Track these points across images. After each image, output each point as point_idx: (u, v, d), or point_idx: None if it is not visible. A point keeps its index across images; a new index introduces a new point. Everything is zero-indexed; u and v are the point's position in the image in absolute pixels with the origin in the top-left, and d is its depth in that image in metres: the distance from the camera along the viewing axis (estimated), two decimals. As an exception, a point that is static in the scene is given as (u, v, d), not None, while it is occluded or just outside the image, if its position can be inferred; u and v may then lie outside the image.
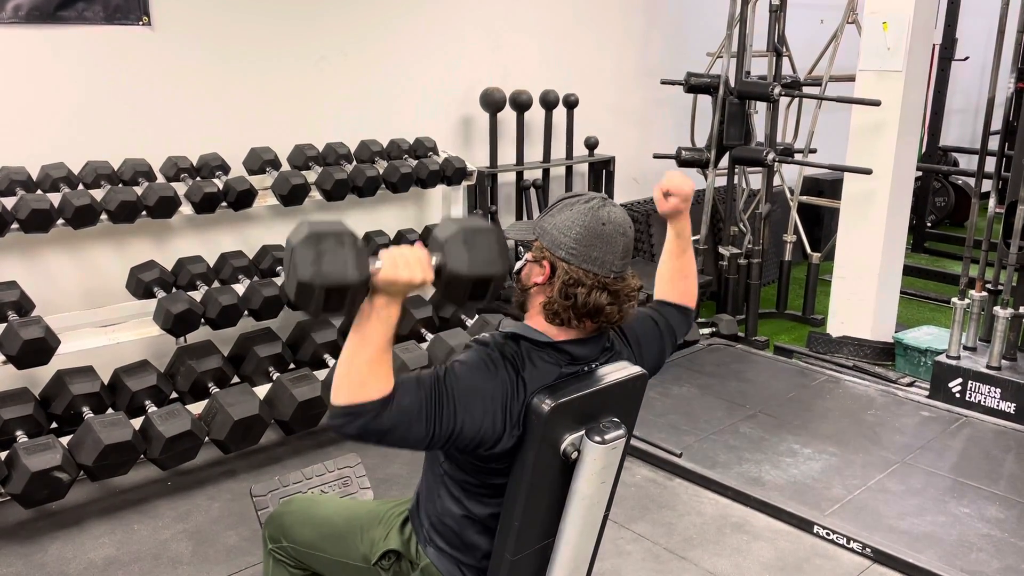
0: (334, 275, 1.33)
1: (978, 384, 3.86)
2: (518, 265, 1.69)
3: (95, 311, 3.45)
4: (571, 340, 1.62)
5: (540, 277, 1.61)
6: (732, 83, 4.67)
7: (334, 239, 1.35)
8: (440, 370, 1.53)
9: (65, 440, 2.90)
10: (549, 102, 4.75)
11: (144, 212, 3.39)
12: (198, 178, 3.62)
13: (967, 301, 3.97)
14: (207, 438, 3.10)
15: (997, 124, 4.21)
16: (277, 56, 3.92)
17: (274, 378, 3.35)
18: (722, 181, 5.09)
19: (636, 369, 1.69)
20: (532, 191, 4.91)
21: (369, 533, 1.82)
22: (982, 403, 3.85)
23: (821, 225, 6.06)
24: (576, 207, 1.60)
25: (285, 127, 3.98)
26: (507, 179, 4.87)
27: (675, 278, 1.95)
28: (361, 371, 1.42)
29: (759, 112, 4.93)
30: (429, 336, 3.70)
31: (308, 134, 4.01)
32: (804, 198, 5.42)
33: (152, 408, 3.10)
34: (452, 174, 4.27)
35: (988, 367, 3.85)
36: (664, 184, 1.86)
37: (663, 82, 4.93)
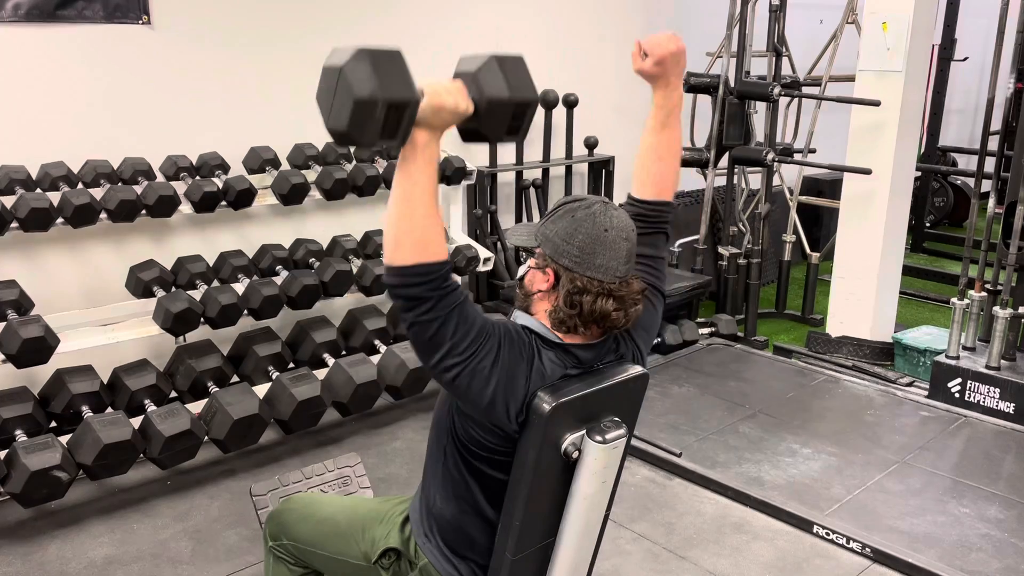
0: (397, 89, 1.25)
1: (977, 384, 3.86)
2: (521, 271, 1.68)
3: (94, 310, 3.45)
4: (578, 344, 1.62)
5: (544, 284, 1.60)
6: (732, 83, 4.67)
7: (387, 55, 1.28)
8: (494, 317, 1.53)
9: (64, 439, 2.89)
10: (549, 102, 4.75)
11: (144, 211, 3.39)
12: (197, 177, 3.62)
13: (966, 301, 3.97)
14: (206, 437, 3.10)
15: (996, 124, 4.22)
16: (277, 55, 3.92)
17: (273, 377, 3.34)
18: (721, 181, 5.09)
19: (637, 369, 1.69)
20: (532, 191, 4.92)
21: (370, 531, 1.82)
22: (981, 403, 3.85)
23: (820, 225, 6.07)
24: (578, 213, 1.58)
25: (285, 126, 3.98)
26: (507, 179, 4.87)
27: (651, 159, 1.76)
28: (421, 226, 1.37)
29: (759, 112, 4.93)
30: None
31: (308, 133, 4.00)
32: (804, 198, 5.42)
33: (151, 407, 3.10)
34: (452, 173, 4.27)
35: (987, 367, 3.85)
36: (644, 42, 1.68)
37: (663, 82, 4.92)
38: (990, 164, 4.25)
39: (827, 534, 2.91)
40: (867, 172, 4.28)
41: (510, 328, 1.57)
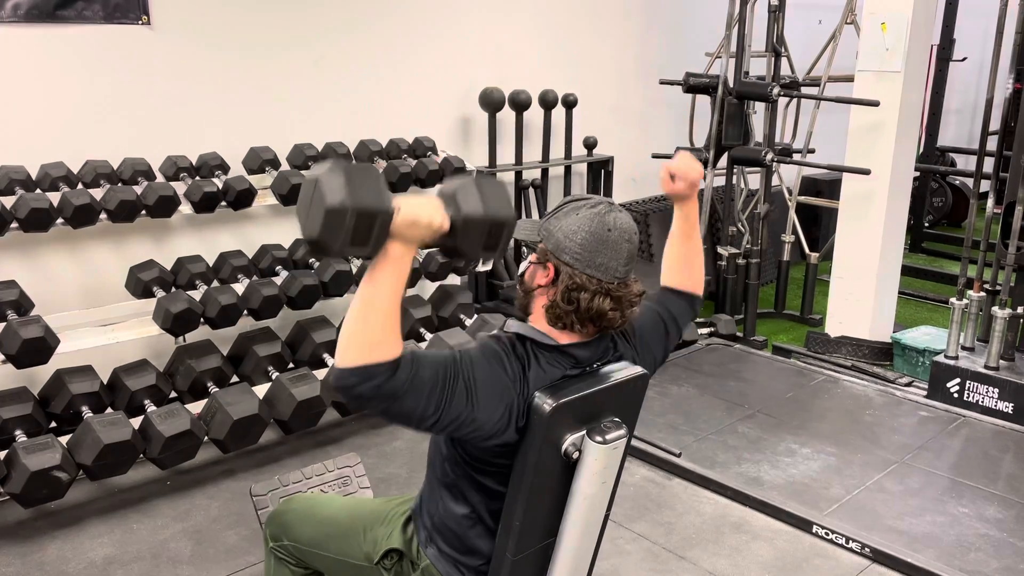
0: (367, 200, 1.32)
1: (976, 384, 3.87)
2: (522, 267, 1.70)
3: (94, 310, 3.45)
4: (575, 343, 1.63)
5: (544, 279, 1.61)
6: (731, 83, 4.68)
7: (362, 169, 1.35)
8: (457, 353, 1.52)
9: (64, 439, 2.89)
10: (548, 102, 4.75)
11: (143, 211, 3.39)
12: (197, 177, 3.62)
13: (965, 301, 3.97)
14: (206, 437, 3.10)
15: (995, 124, 4.22)
16: (276, 55, 3.92)
17: (273, 377, 3.34)
18: (721, 181, 5.10)
19: (637, 369, 1.69)
20: (531, 191, 4.92)
21: (372, 532, 1.82)
22: (980, 403, 3.86)
23: (819, 225, 6.08)
24: (582, 211, 1.60)
25: (284, 126, 3.98)
26: (506, 179, 4.88)
27: (680, 264, 1.94)
28: (374, 329, 1.39)
29: (758, 112, 4.94)
30: (428, 335, 3.71)
31: (307, 133, 4.01)
32: (803, 198, 5.43)
33: (151, 407, 3.10)
34: (451, 173, 4.27)
35: (986, 367, 3.86)
36: (672, 165, 1.85)
37: (662, 82, 4.93)
38: (989, 164, 4.25)
39: (826, 534, 2.92)
40: (866, 172, 4.28)
41: (487, 350, 1.56)
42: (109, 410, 3.14)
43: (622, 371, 1.67)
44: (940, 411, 3.88)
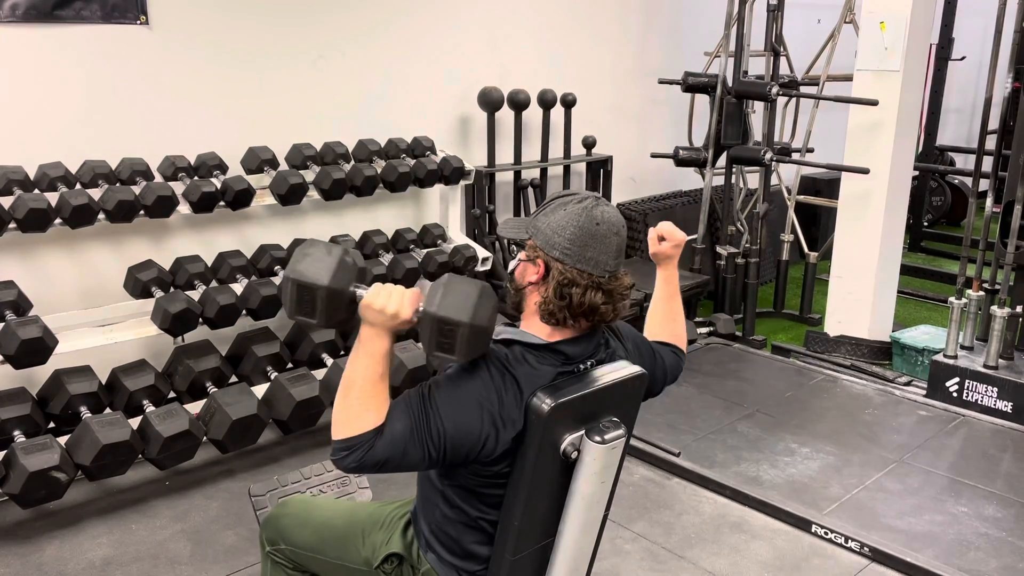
0: (307, 275, 1.47)
1: (975, 383, 3.87)
2: (512, 264, 1.70)
3: (93, 311, 3.45)
4: (565, 340, 1.63)
5: (534, 276, 1.62)
6: (730, 83, 4.68)
7: (324, 248, 1.50)
8: (424, 387, 1.56)
9: (63, 440, 2.89)
10: (547, 101, 4.75)
11: (142, 211, 3.39)
12: (196, 177, 3.61)
13: (964, 300, 3.97)
14: (205, 438, 3.10)
15: (994, 124, 4.22)
16: (275, 55, 3.92)
17: (272, 377, 3.34)
18: (719, 180, 5.09)
19: (635, 369, 1.69)
20: (530, 190, 4.91)
21: (371, 537, 1.81)
22: (979, 402, 3.86)
23: (818, 225, 6.08)
24: (570, 207, 1.60)
25: (283, 126, 3.97)
26: (505, 178, 4.87)
27: (666, 321, 2.02)
28: (353, 407, 1.49)
29: (756, 112, 4.94)
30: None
31: (306, 133, 4.00)
32: (801, 197, 5.42)
33: (150, 408, 3.10)
34: (450, 173, 4.27)
35: (985, 366, 3.86)
36: (660, 228, 1.97)
37: (661, 81, 4.93)
38: (988, 163, 4.26)
39: (825, 533, 2.92)
40: (865, 171, 4.28)
41: (447, 375, 1.58)
42: (108, 410, 3.13)
43: (620, 371, 1.67)
44: (939, 410, 3.88)
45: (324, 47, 4.07)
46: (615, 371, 1.67)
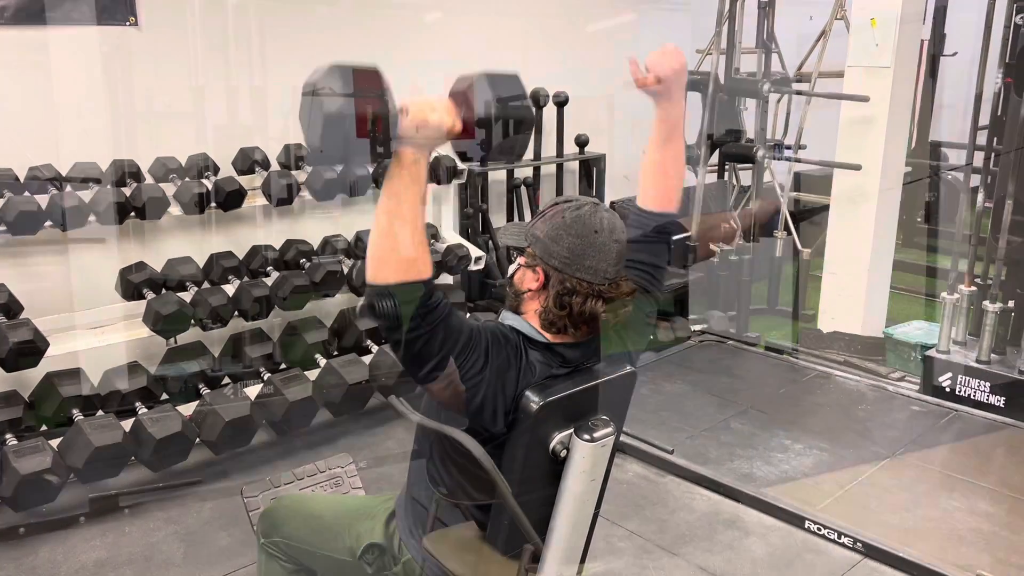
0: (368, 101, 1.30)
1: (968, 378, 3.87)
2: (511, 269, 1.69)
3: (84, 313, 3.43)
4: (565, 344, 1.62)
5: (534, 284, 1.61)
6: (722, 80, 4.68)
7: (360, 71, 1.37)
8: (476, 322, 1.53)
9: (55, 443, 2.88)
10: (539, 100, 4.74)
11: (133, 213, 3.38)
12: (187, 179, 3.60)
13: (956, 296, 3.98)
14: (198, 439, 3.10)
15: (985, 119, 4.23)
16: (265, 55, 3.91)
17: (265, 379, 3.34)
18: (712, 178, 5.09)
19: (625, 368, 1.69)
20: (523, 189, 4.91)
21: (355, 527, 1.83)
22: (972, 397, 3.86)
23: (811, 221, 6.07)
24: (567, 215, 1.59)
25: (274, 127, 3.97)
26: (498, 177, 4.87)
27: (655, 174, 1.77)
28: (405, 243, 1.37)
29: (749, 108, 4.94)
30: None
31: (297, 134, 3.98)
32: (794, 194, 5.42)
33: (142, 410, 3.09)
34: (443, 173, 4.26)
35: (977, 361, 3.86)
36: (648, 58, 1.71)
37: (653, 79, 4.92)
38: (979, 159, 4.27)
39: (819, 529, 2.92)
40: (857, 168, 4.29)
41: (498, 332, 1.57)
42: (100, 413, 3.13)
43: (609, 370, 1.67)
44: (932, 405, 3.89)
45: (315, 47, 4.06)
46: (603, 370, 1.66)
